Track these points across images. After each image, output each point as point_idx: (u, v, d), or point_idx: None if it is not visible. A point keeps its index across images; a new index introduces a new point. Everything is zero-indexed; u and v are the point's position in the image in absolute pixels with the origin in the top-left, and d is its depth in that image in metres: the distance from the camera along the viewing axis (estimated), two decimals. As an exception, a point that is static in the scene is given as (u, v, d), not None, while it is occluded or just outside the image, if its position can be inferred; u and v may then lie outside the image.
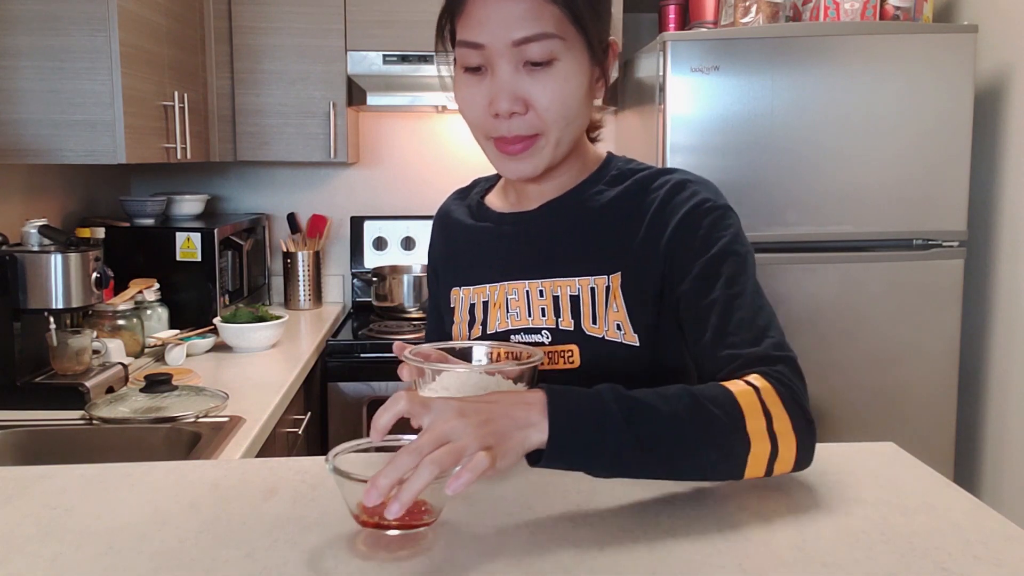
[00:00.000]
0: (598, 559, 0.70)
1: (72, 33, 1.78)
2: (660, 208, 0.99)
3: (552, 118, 0.94)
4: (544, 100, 0.93)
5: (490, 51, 0.92)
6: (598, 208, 1.03)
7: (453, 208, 1.18)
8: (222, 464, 0.99)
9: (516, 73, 0.93)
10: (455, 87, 0.99)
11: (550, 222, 1.04)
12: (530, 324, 1.02)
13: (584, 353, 0.99)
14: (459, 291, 1.10)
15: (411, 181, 3.01)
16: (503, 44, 0.91)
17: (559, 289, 1.01)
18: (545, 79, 0.92)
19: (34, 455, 1.56)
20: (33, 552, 0.72)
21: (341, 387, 2.41)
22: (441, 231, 1.18)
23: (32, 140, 1.80)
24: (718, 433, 0.79)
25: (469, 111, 0.97)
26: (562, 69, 0.93)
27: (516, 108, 0.93)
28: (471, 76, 0.95)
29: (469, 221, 1.13)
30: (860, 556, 0.71)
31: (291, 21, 2.55)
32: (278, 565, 0.69)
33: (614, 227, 1.01)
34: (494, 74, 0.93)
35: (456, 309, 1.10)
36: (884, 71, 2.18)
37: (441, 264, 1.17)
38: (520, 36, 0.91)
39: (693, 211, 0.97)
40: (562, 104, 0.94)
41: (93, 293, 1.77)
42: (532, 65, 0.92)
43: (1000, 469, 2.33)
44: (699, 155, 2.20)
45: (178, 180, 2.93)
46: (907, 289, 2.24)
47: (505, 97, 0.92)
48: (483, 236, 1.10)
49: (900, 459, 0.94)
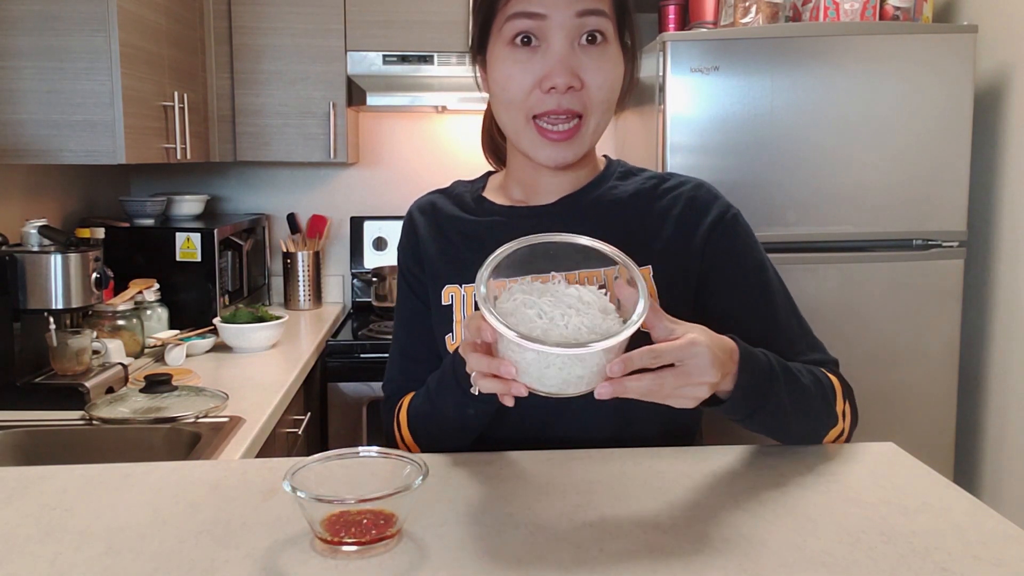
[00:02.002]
0: (598, 559, 0.70)
1: (72, 33, 1.78)
2: (688, 206, 1.04)
3: (600, 99, 0.96)
4: (598, 78, 0.95)
5: (550, 22, 0.92)
6: (617, 202, 1.05)
7: (438, 202, 1.12)
8: (222, 464, 0.99)
9: (572, 49, 0.94)
10: (496, 64, 0.97)
11: (570, 215, 1.04)
12: None
13: None
14: (457, 288, 1.05)
15: (411, 181, 3.01)
16: (565, 14, 0.92)
17: (587, 280, 1.01)
18: (598, 58, 0.95)
19: (34, 455, 1.56)
20: (33, 552, 0.72)
21: (341, 387, 2.41)
22: (429, 226, 1.10)
23: (32, 140, 1.80)
24: (825, 408, 0.97)
25: (513, 88, 0.95)
26: (611, 51, 0.96)
27: (573, 83, 0.93)
28: (521, 50, 0.94)
29: (466, 215, 1.09)
30: (860, 556, 0.71)
31: (291, 21, 2.55)
32: (278, 565, 0.69)
33: (637, 221, 1.04)
34: (550, 47, 0.93)
35: (454, 308, 1.05)
36: (884, 71, 2.18)
37: (428, 262, 1.09)
38: (583, 7, 0.92)
39: (724, 216, 1.04)
40: (610, 86, 0.96)
41: (93, 293, 1.77)
42: (587, 43, 0.94)
43: (1000, 469, 2.33)
44: (699, 155, 2.20)
45: (178, 180, 2.93)
46: (907, 289, 2.24)
47: (564, 70, 0.93)
48: (490, 230, 1.05)
49: (900, 459, 0.94)
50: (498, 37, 0.96)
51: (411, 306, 1.11)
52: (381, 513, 0.72)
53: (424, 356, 1.08)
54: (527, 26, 0.93)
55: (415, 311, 1.10)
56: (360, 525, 0.71)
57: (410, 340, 1.11)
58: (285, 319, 2.30)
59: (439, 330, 1.06)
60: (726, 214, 1.05)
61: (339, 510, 0.72)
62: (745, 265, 1.04)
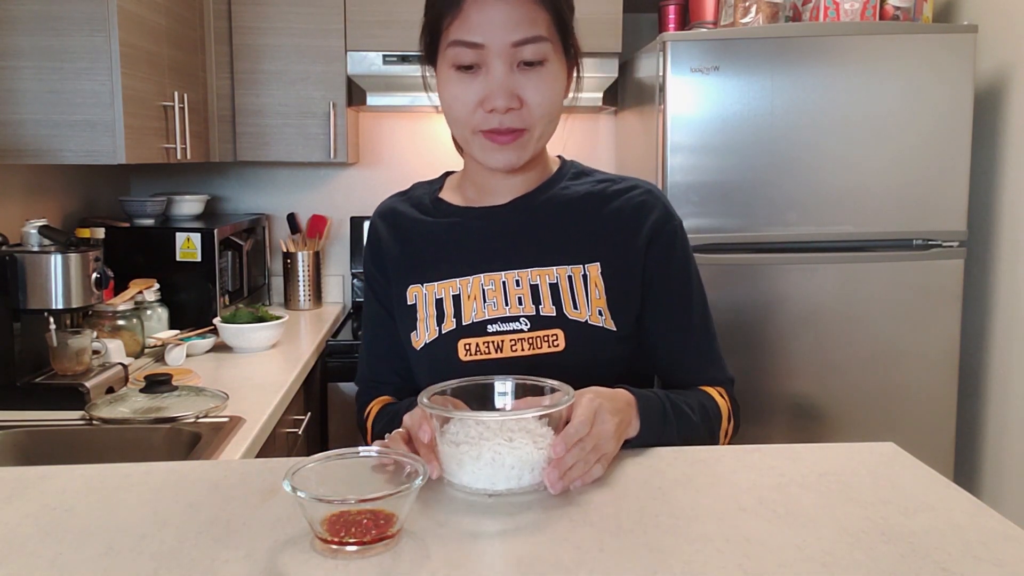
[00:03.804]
0: (598, 559, 0.70)
1: (72, 33, 1.78)
2: (636, 210, 1.09)
3: (540, 115, 1.01)
4: (537, 98, 1.00)
5: (488, 51, 0.98)
6: (569, 202, 1.10)
7: (398, 207, 1.19)
8: (222, 464, 0.99)
9: (511, 72, 0.99)
10: (442, 83, 1.04)
11: (523, 215, 1.10)
12: (507, 313, 1.06)
13: (568, 336, 1.04)
14: (420, 288, 1.10)
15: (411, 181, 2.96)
16: (502, 45, 0.98)
17: (537, 278, 1.07)
18: (537, 79, 1.00)
19: (34, 455, 1.56)
20: (33, 552, 0.72)
21: (341, 387, 2.41)
22: (390, 230, 1.16)
23: (32, 140, 1.80)
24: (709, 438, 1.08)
25: (459, 107, 1.02)
26: (550, 70, 1.01)
27: (512, 104, 0.99)
28: (463, 74, 1.01)
29: (425, 217, 1.15)
30: (860, 556, 0.71)
31: (291, 21, 2.55)
32: (278, 565, 0.69)
33: (587, 220, 1.09)
34: (489, 72, 0.99)
35: (418, 306, 1.10)
36: (884, 71, 2.18)
37: (392, 265, 1.14)
38: (519, 38, 0.98)
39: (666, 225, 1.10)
40: (550, 102, 1.02)
41: (93, 293, 1.77)
42: (525, 65, 0.99)
43: (1000, 469, 2.33)
44: (699, 155, 2.20)
45: (178, 180, 2.93)
46: (907, 289, 2.25)
47: (502, 94, 0.98)
48: (448, 230, 1.12)
49: (900, 459, 0.94)
50: (443, 58, 1.02)
51: (374, 309, 1.18)
52: (381, 513, 0.72)
53: (387, 354, 1.17)
54: (467, 54, 0.99)
55: (377, 314, 1.18)
56: (360, 525, 0.71)
57: (374, 341, 1.19)
58: (285, 319, 2.30)
59: (404, 328, 1.12)
60: (667, 224, 1.10)
61: (339, 510, 0.72)
62: (675, 278, 1.11)
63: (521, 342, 1.04)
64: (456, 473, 0.83)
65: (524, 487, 0.82)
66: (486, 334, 1.05)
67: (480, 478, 0.82)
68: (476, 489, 0.82)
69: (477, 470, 0.81)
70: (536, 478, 0.82)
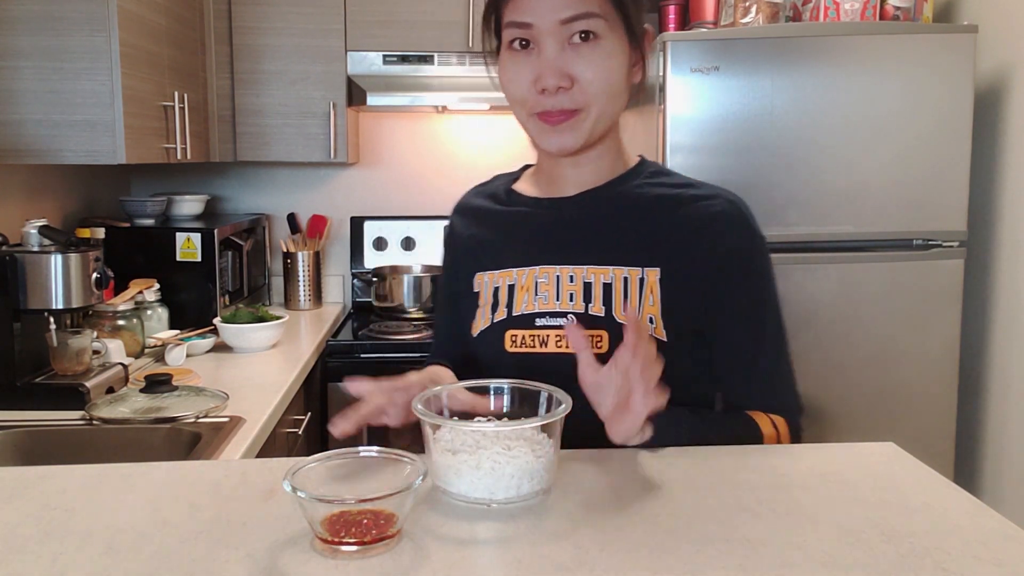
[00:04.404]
0: (598, 559, 0.70)
1: (72, 33, 1.78)
2: (713, 220, 1.04)
3: (595, 92, 0.99)
4: (588, 74, 0.98)
5: (538, 30, 0.98)
6: (638, 201, 1.07)
7: (474, 199, 1.20)
8: (222, 464, 0.99)
9: (562, 50, 0.98)
10: (500, 67, 1.04)
11: (588, 209, 1.08)
12: (556, 308, 1.04)
13: (613, 340, 1.01)
14: (483, 276, 1.11)
15: (411, 181, 3.01)
16: (551, 23, 0.97)
17: (592, 276, 1.05)
18: (589, 55, 0.98)
19: (34, 455, 1.56)
20: (33, 552, 0.72)
21: (341, 387, 2.40)
22: (465, 220, 1.19)
23: (32, 140, 1.80)
24: None
25: (514, 87, 1.02)
26: (605, 46, 0.99)
27: (562, 83, 0.98)
28: (517, 54, 1.01)
29: (496, 207, 1.15)
30: (860, 556, 0.71)
31: (291, 21, 2.55)
32: (278, 565, 0.69)
33: (654, 222, 1.05)
34: (540, 51, 0.99)
35: (480, 294, 1.11)
36: (884, 71, 2.18)
37: (463, 254, 1.16)
38: (567, 15, 0.97)
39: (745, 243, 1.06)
40: (605, 80, 0.99)
41: (93, 293, 1.77)
42: (577, 42, 0.98)
43: (1000, 469, 2.33)
44: (699, 155, 2.20)
45: (178, 180, 2.93)
46: (907, 289, 2.24)
47: (552, 72, 0.98)
48: (514, 220, 1.12)
49: (900, 459, 0.94)
50: (504, 41, 1.03)
51: (446, 294, 1.21)
52: (381, 513, 0.72)
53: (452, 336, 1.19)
54: (519, 33, 1.00)
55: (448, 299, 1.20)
56: (360, 525, 0.71)
57: (443, 322, 1.24)
58: (285, 319, 2.30)
59: (468, 315, 1.12)
60: (746, 242, 1.06)
61: (339, 510, 0.72)
62: (747, 301, 1.07)
63: (566, 339, 1.01)
64: (454, 482, 0.82)
65: (523, 495, 0.81)
66: (534, 327, 1.05)
67: (479, 487, 0.81)
68: (475, 499, 0.81)
69: (476, 480, 0.81)
70: (535, 486, 0.82)
